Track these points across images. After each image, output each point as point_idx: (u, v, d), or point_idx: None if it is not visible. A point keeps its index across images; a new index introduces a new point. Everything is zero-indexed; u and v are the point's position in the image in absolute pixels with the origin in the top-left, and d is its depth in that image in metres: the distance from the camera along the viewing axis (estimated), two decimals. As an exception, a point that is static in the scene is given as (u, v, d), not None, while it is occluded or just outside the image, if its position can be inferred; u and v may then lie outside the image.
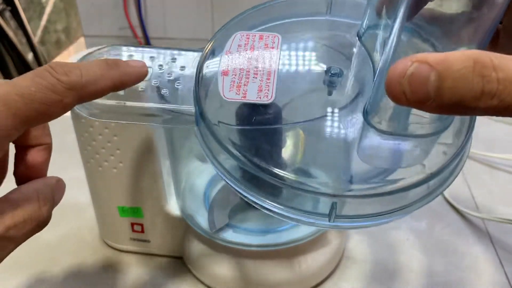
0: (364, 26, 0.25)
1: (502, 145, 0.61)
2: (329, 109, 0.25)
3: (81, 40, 0.96)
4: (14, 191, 0.25)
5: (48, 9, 0.90)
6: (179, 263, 0.44)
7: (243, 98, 0.24)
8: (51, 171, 0.40)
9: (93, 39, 0.95)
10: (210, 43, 0.28)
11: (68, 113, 0.38)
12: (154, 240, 0.44)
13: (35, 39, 1.05)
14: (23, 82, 0.22)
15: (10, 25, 0.96)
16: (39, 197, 0.25)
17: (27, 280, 0.43)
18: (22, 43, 1.04)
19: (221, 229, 0.39)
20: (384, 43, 0.22)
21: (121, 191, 0.41)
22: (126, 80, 0.26)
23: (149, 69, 0.29)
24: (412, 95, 0.19)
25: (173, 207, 0.42)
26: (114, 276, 0.43)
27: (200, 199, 0.43)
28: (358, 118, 0.24)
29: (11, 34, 0.96)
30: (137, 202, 0.41)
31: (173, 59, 0.30)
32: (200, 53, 0.28)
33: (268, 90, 0.24)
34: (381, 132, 0.22)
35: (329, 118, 0.25)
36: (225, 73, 0.25)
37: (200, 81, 0.26)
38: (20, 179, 0.27)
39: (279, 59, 0.26)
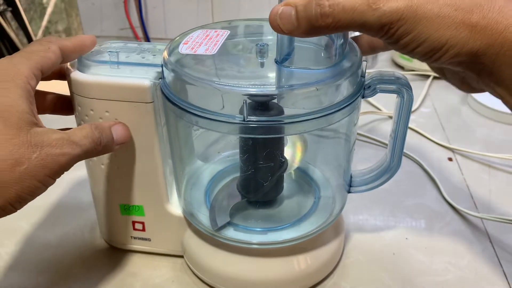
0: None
1: (500, 145, 0.61)
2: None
3: (82, 40, 0.96)
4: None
5: (49, 10, 0.90)
6: (180, 262, 0.44)
7: (194, 52, 0.36)
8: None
9: (94, 39, 0.95)
10: (176, 37, 0.39)
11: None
12: (155, 239, 0.44)
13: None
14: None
15: (11, 26, 0.97)
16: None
17: (28, 279, 0.43)
18: (23, 44, 1.04)
19: (222, 227, 0.39)
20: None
21: (123, 190, 0.41)
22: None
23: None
24: (284, 26, 0.30)
25: (175, 205, 0.42)
26: (115, 275, 0.43)
27: (201, 198, 0.43)
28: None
29: (12, 34, 0.96)
30: (139, 201, 0.42)
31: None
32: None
33: (213, 50, 0.36)
34: (286, 67, 0.35)
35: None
36: (185, 43, 0.37)
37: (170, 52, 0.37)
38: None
39: (225, 39, 0.38)
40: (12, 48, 0.98)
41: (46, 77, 0.38)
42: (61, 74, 0.38)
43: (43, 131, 0.30)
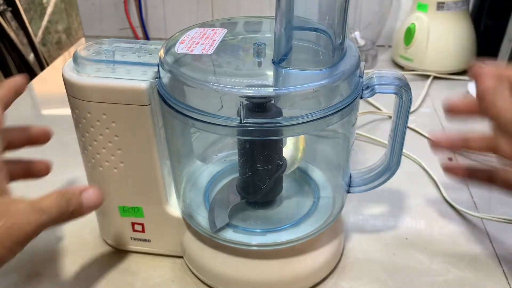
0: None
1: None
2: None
3: (82, 40, 0.96)
4: None
5: (49, 10, 0.91)
6: (180, 262, 0.44)
7: (190, 52, 0.36)
8: (52, 171, 0.41)
9: (94, 39, 0.95)
10: (173, 35, 0.39)
11: (69, 113, 0.39)
12: (155, 240, 0.44)
13: (36, 40, 1.05)
14: None
15: (11, 26, 0.97)
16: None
17: (27, 279, 0.43)
18: (23, 44, 1.04)
19: (221, 228, 0.39)
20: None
21: (122, 191, 0.41)
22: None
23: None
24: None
25: (174, 207, 0.42)
26: (115, 275, 0.43)
27: (200, 199, 0.43)
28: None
29: (12, 34, 0.96)
30: (138, 202, 0.42)
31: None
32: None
33: (210, 50, 0.36)
34: (283, 68, 0.34)
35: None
36: (182, 42, 0.37)
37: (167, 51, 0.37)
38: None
39: (222, 37, 0.38)
40: (12, 48, 0.98)
41: (15, 147, 0.39)
42: (30, 173, 0.39)
43: (9, 200, 0.31)
